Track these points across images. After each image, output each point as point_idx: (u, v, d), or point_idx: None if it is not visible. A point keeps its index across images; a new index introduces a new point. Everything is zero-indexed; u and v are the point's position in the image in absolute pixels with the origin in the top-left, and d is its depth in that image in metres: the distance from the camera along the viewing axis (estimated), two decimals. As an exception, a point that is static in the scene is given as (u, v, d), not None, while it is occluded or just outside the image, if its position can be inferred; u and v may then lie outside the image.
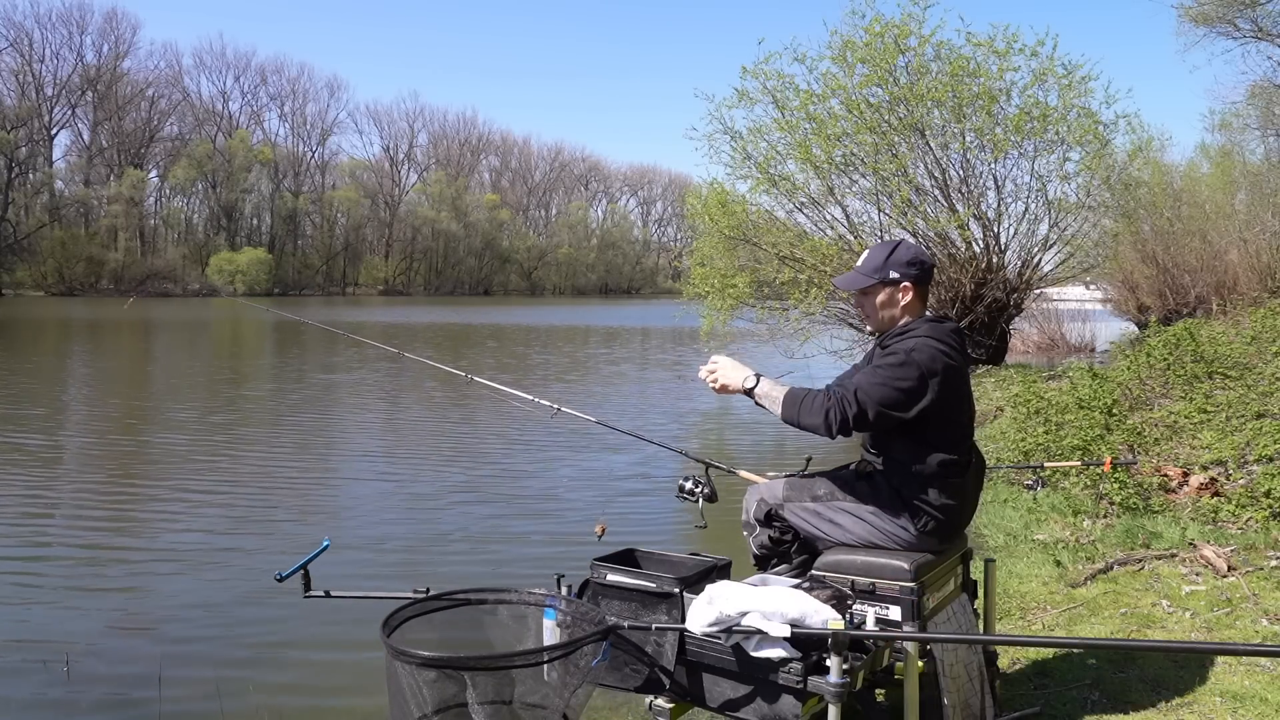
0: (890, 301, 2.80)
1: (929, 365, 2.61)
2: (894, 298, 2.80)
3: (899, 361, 2.63)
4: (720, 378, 2.77)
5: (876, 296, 2.82)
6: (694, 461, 3.18)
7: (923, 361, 2.61)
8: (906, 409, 2.60)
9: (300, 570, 2.65)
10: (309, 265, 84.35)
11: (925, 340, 2.67)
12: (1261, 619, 3.81)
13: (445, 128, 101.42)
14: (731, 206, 15.17)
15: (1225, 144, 24.23)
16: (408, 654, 2.13)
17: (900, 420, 2.61)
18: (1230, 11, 20.82)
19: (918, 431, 2.64)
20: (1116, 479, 5.64)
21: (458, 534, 6.44)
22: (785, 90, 14.55)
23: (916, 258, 2.82)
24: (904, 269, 2.78)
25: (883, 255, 2.81)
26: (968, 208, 14.79)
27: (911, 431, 2.65)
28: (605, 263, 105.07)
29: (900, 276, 2.78)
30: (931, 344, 2.66)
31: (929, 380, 2.60)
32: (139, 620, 4.73)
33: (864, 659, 2.42)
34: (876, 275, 2.80)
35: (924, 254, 2.89)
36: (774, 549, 2.89)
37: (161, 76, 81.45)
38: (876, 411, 2.58)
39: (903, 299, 2.79)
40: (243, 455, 9.27)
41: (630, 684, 2.54)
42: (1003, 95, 14.13)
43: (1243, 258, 17.74)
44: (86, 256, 68.39)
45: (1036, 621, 4.02)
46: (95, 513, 6.98)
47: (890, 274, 2.78)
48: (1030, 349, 20.21)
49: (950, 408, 2.67)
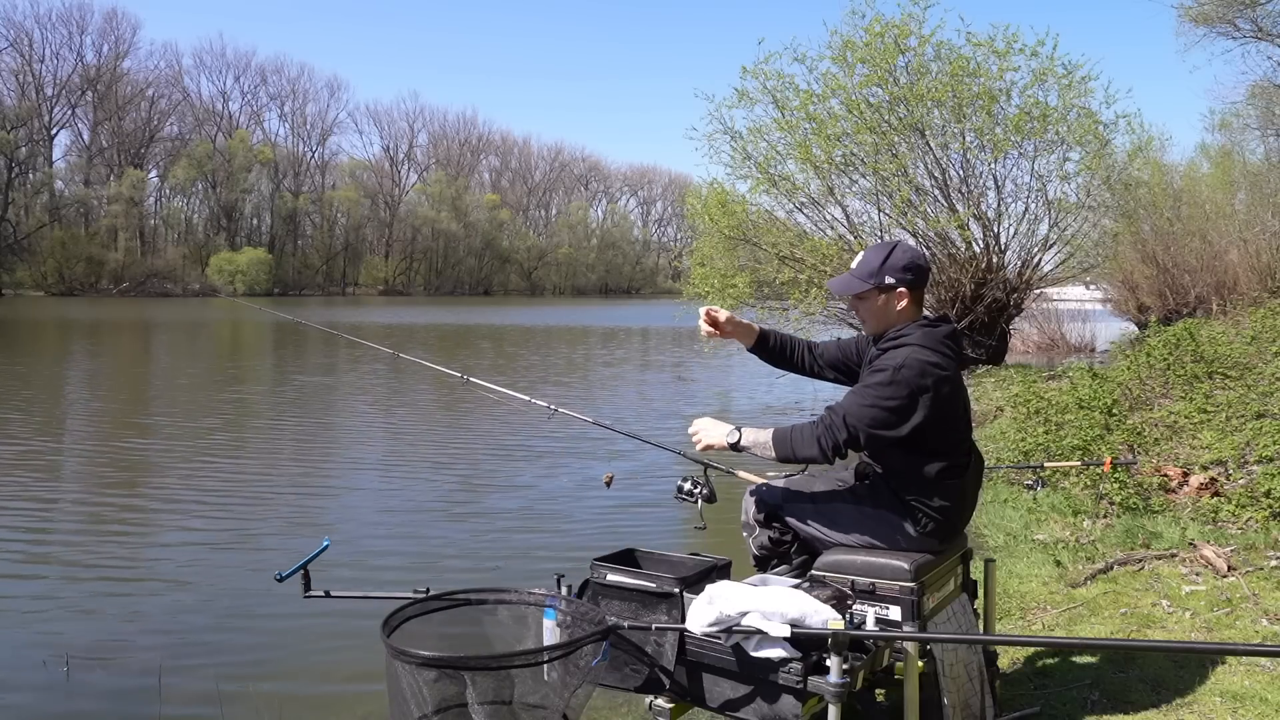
0: (885, 307, 2.76)
1: (918, 382, 2.57)
2: (889, 303, 2.75)
3: (886, 380, 2.58)
4: (704, 439, 2.79)
5: (872, 302, 2.77)
6: (692, 462, 3.18)
7: (911, 379, 2.57)
8: (897, 428, 2.58)
9: (300, 570, 2.65)
10: (309, 265, 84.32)
11: (915, 352, 2.62)
12: (1261, 619, 3.81)
13: (445, 128, 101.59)
14: (731, 206, 15.18)
15: (1225, 144, 24.27)
16: (408, 654, 2.13)
17: (893, 439, 2.60)
18: (1230, 11, 20.80)
19: (914, 442, 2.62)
20: (1116, 479, 5.64)
21: (457, 534, 6.44)
22: (785, 90, 14.58)
23: (913, 262, 2.77)
24: (899, 274, 2.73)
25: (878, 259, 2.75)
26: (968, 208, 14.79)
27: (908, 443, 2.63)
28: (605, 263, 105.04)
29: (896, 282, 2.73)
30: (921, 356, 2.61)
31: (919, 397, 2.57)
32: (139, 620, 4.74)
33: (864, 659, 2.42)
34: (871, 280, 2.75)
35: (921, 257, 2.85)
36: (774, 550, 2.89)
37: (161, 76, 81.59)
38: (867, 434, 2.59)
39: (898, 304, 2.75)
40: (242, 455, 9.27)
41: (630, 684, 2.54)
42: (1003, 95, 14.15)
43: (1243, 258, 17.75)
44: (86, 256, 68.37)
45: (1036, 621, 4.02)
46: (94, 513, 6.98)
47: (886, 279, 2.73)
48: (1030, 349, 20.22)
49: (945, 416, 2.63)
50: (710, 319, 3.07)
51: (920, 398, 2.57)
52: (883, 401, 2.57)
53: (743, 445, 2.71)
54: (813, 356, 3.10)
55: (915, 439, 2.60)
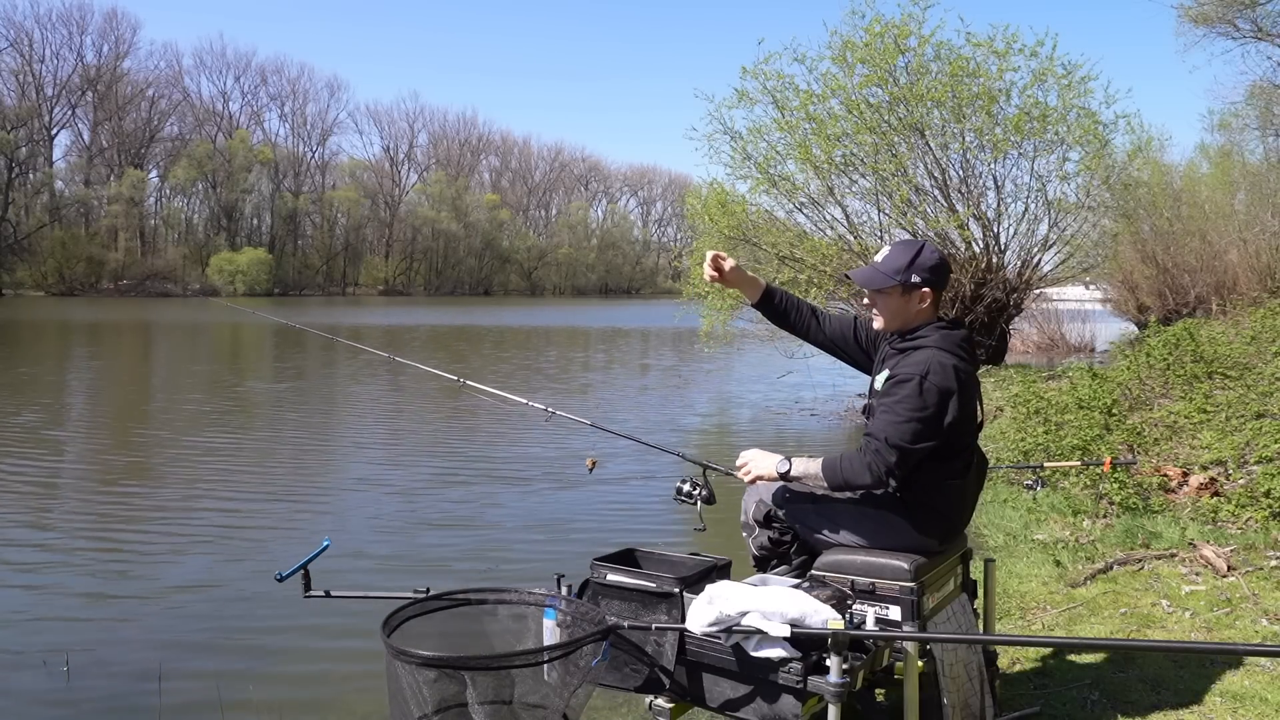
0: (907, 305, 2.75)
1: (945, 385, 2.58)
2: (911, 302, 2.74)
3: (915, 392, 2.57)
4: (753, 470, 2.78)
5: (894, 298, 2.76)
6: (691, 463, 3.18)
7: (938, 384, 2.58)
8: (934, 435, 2.57)
9: (300, 570, 2.65)
10: (309, 265, 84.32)
11: (936, 355, 2.63)
12: (1261, 619, 3.81)
13: (445, 128, 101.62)
14: (731, 207, 15.16)
15: (1225, 144, 24.27)
16: (408, 654, 2.13)
17: (933, 445, 2.58)
18: (1230, 11, 20.81)
19: (941, 444, 2.62)
20: (1116, 479, 5.64)
21: (457, 534, 6.44)
22: (785, 90, 14.55)
23: (940, 263, 2.77)
24: (926, 274, 2.72)
25: (906, 257, 2.73)
26: (967, 208, 14.79)
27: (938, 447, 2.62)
28: (605, 263, 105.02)
29: (921, 282, 2.72)
30: (942, 359, 2.62)
31: (949, 400, 2.58)
32: (139, 620, 4.74)
33: (864, 659, 2.42)
34: (898, 277, 2.72)
35: (945, 259, 2.84)
36: (773, 550, 2.89)
37: (161, 76, 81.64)
38: (911, 450, 2.56)
39: (920, 304, 2.75)
40: (242, 456, 9.27)
41: (630, 684, 2.54)
42: (1002, 95, 14.14)
43: (1242, 258, 17.75)
44: (86, 256, 68.40)
45: (1036, 621, 4.02)
46: (95, 513, 6.98)
47: (913, 278, 2.72)
48: (1030, 349, 20.22)
49: (964, 418, 2.65)
50: (715, 264, 2.98)
51: (949, 400, 2.58)
52: (917, 414, 2.56)
53: (793, 475, 2.71)
54: (818, 324, 3.04)
55: (942, 442, 2.61)
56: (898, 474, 2.57)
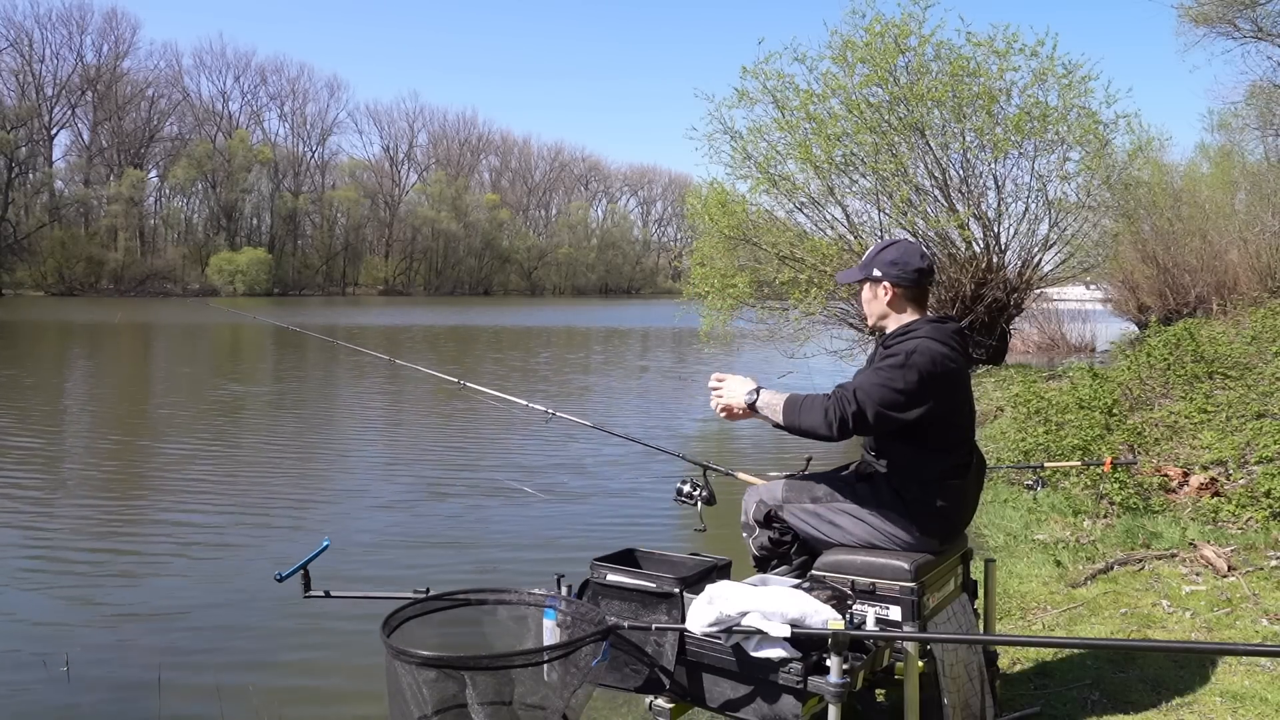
0: (873, 299, 2.83)
1: (929, 369, 2.60)
2: (877, 296, 2.82)
3: (899, 364, 2.61)
4: (725, 397, 2.72)
5: (862, 292, 2.89)
6: (691, 464, 3.18)
7: (923, 365, 2.59)
8: (906, 410, 2.57)
9: (300, 571, 2.65)
10: (309, 265, 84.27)
11: (926, 342, 2.65)
12: (1261, 619, 3.81)
13: (445, 128, 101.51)
14: (731, 206, 15.16)
15: (1225, 144, 24.27)
16: (408, 654, 2.13)
17: (901, 423, 2.59)
18: (1230, 11, 20.81)
19: (919, 434, 2.63)
20: (1116, 479, 5.64)
21: (457, 535, 6.44)
22: (785, 90, 14.55)
23: (901, 258, 2.78)
24: (886, 267, 2.79)
25: (872, 252, 2.86)
26: (968, 208, 14.78)
27: (912, 434, 2.64)
28: (605, 263, 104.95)
29: (881, 275, 2.79)
30: (932, 346, 2.64)
31: (929, 384, 2.59)
32: (139, 621, 4.74)
33: (864, 659, 2.42)
34: (862, 272, 2.86)
35: (915, 256, 2.80)
36: (773, 550, 2.89)
37: (161, 76, 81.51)
38: (875, 412, 2.55)
39: (885, 297, 2.80)
40: (241, 457, 9.27)
41: (630, 684, 2.54)
42: (1003, 95, 14.12)
43: (1243, 258, 17.74)
44: (86, 256, 68.37)
45: (1036, 621, 4.02)
46: (95, 514, 6.98)
47: (873, 271, 2.81)
48: (1030, 349, 20.21)
49: (951, 410, 2.67)
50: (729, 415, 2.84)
51: (931, 385, 2.59)
52: (893, 383, 2.58)
53: (759, 405, 2.67)
54: None
55: (920, 430, 2.61)
56: (850, 428, 2.54)
